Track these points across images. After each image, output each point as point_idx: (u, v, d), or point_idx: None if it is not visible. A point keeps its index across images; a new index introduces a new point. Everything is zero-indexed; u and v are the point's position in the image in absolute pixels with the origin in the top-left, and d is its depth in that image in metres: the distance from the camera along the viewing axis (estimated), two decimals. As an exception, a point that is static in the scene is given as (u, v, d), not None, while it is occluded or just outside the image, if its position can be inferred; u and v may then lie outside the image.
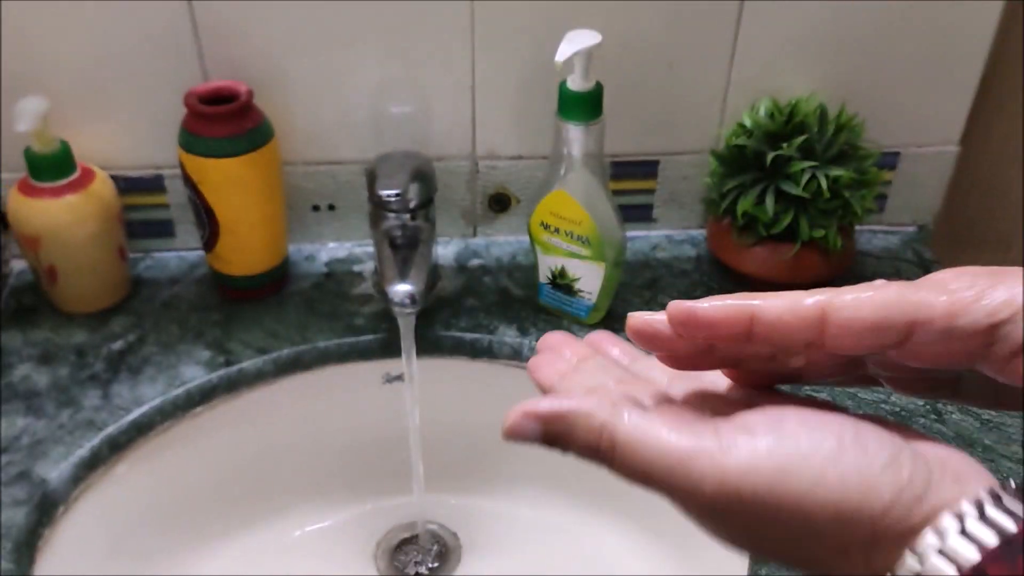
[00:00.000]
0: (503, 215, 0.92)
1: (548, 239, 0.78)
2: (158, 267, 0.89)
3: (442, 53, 0.82)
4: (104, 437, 0.72)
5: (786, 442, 0.29)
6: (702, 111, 0.87)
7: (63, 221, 0.77)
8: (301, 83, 0.83)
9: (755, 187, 0.81)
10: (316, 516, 0.86)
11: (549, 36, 0.71)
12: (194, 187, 0.78)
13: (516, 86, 0.84)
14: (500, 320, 0.83)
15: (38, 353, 0.79)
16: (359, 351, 0.81)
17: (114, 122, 0.83)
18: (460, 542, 0.86)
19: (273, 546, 0.84)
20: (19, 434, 0.72)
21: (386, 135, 0.86)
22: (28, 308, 0.84)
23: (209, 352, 0.79)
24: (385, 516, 0.87)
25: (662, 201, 0.92)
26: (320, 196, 0.89)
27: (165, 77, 0.81)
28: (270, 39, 0.80)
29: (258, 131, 0.78)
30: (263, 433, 0.82)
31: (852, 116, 0.82)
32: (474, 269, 0.89)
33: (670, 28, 0.82)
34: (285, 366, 0.80)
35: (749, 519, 0.29)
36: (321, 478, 0.86)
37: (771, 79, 0.85)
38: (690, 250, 0.92)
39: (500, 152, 0.88)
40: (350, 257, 0.90)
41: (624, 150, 0.89)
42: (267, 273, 0.84)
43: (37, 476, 0.69)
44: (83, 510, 0.71)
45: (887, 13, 0.82)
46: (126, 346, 0.80)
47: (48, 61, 0.80)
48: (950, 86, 0.87)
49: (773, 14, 0.82)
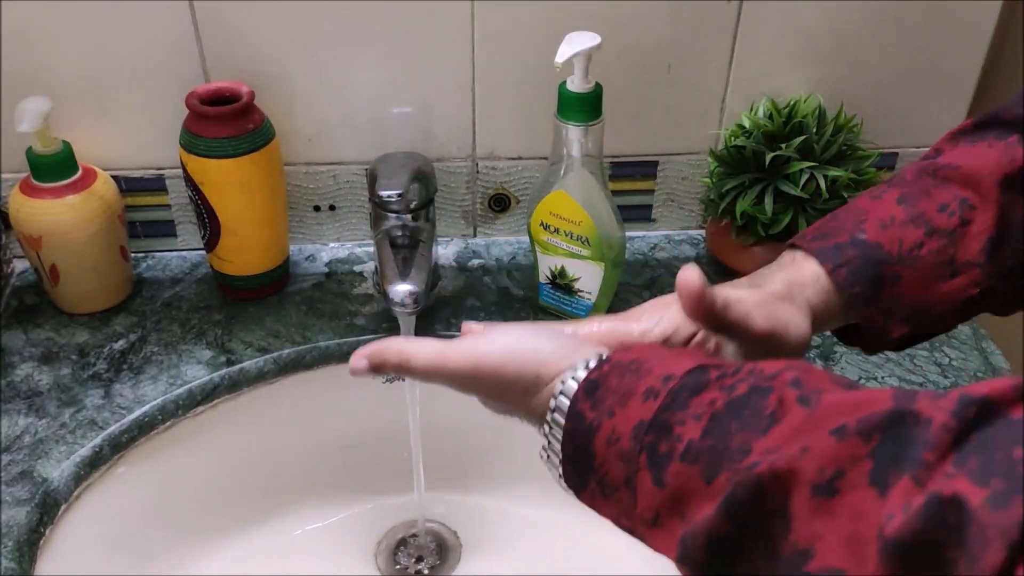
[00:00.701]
0: (503, 215, 0.92)
1: (548, 239, 0.79)
2: (159, 267, 0.89)
3: (442, 54, 0.82)
4: (105, 436, 0.72)
5: (495, 341, 0.47)
6: (701, 112, 0.87)
7: (65, 221, 0.78)
8: (302, 84, 0.83)
9: (754, 187, 0.81)
10: (317, 515, 0.87)
11: (549, 37, 0.72)
12: (195, 187, 0.79)
13: (516, 87, 0.84)
14: (500, 320, 0.83)
15: (40, 353, 0.79)
16: (360, 351, 0.82)
17: (116, 123, 0.84)
18: (460, 541, 0.86)
19: (274, 545, 0.84)
20: (21, 433, 0.72)
21: (387, 136, 0.86)
22: (30, 308, 0.84)
23: (210, 352, 0.80)
24: (385, 515, 0.87)
25: (661, 201, 0.93)
26: (321, 196, 0.89)
27: (167, 78, 0.81)
28: (271, 40, 0.81)
29: (259, 132, 0.78)
30: (264, 432, 0.82)
31: (850, 117, 0.82)
32: (474, 269, 0.89)
33: (669, 29, 0.82)
34: (286, 366, 0.80)
35: (481, 382, 0.47)
36: (322, 477, 0.86)
37: (770, 80, 0.86)
38: (689, 250, 0.92)
39: (500, 152, 0.88)
40: (351, 257, 0.91)
41: (623, 151, 0.89)
42: (268, 273, 0.85)
43: (39, 475, 0.69)
44: (84, 509, 0.72)
45: (885, 14, 0.83)
46: (128, 346, 0.80)
47: (50, 62, 0.80)
48: (948, 87, 0.87)
49: (772, 15, 0.82)
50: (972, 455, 0.30)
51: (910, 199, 0.51)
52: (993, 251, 0.50)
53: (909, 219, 0.51)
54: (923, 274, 0.50)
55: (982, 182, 0.50)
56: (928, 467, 0.31)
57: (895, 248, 0.50)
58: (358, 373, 0.49)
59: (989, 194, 0.50)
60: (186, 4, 0.78)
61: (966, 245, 0.50)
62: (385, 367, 0.49)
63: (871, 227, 0.51)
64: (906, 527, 0.30)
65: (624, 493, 0.41)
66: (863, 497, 0.32)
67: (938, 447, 0.31)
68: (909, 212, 0.51)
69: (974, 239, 0.50)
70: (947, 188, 0.51)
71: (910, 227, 0.50)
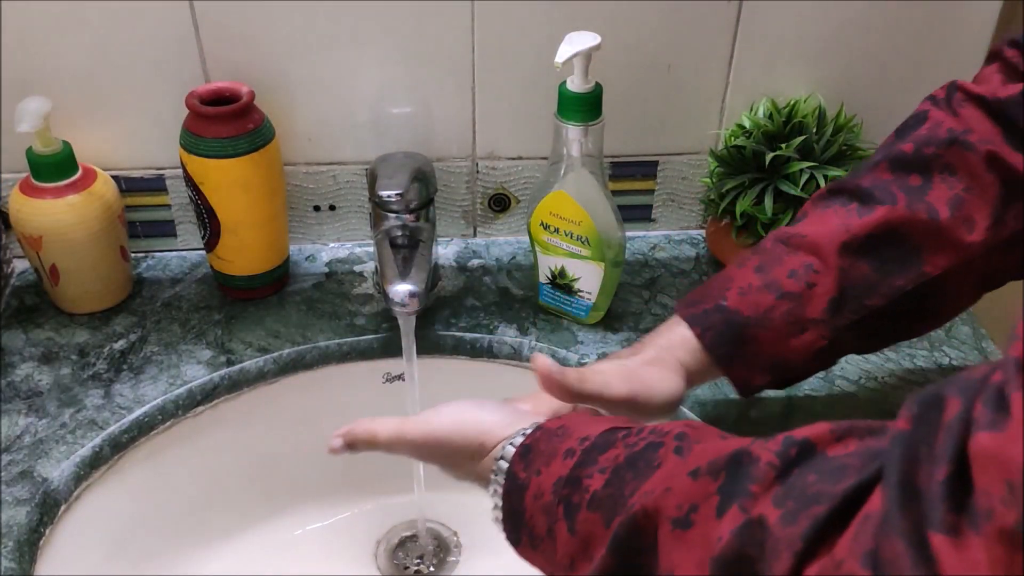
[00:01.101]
0: (503, 215, 0.92)
1: (548, 239, 0.79)
2: (159, 267, 0.89)
3: (442, 54, 0.82)
4: (106, 436, 0.72)
5: (444, 415, 0.55)
6: (701, 112, 0.87)
7: (65, 221, 0.78)
8: (302, 84, 0.83)
9: (754, 187, 0.81)
10: (317, 515, 0.87)
11: (549, 37, 0.72)
12: (195, 187, 0.79)
13: (516, 87, 0.84)
14: (500, 320, 0.83)
15: (40, 353, 0.80)
16: (360, 351, 0.82)
17: (116, 123, 0.84)
18: (460, 541, 0.86)
19: (274, 545, 0.84)
20: (21, 433, 0.72)
21: (387, 136, 0.86)
22: (30, 308, 0.84)
23: (210, 352, 0.80)
24: (386, 515, 0.87)
25: (661, 201, 0.93)
26: (321, 196, 0.89)
27: (167, 78, 0.81)
28: (271, 40, 0.81)
29: (259, 132, 0.78)
30: (264, 432, 0.82)
31: (850, 117, 0.82)
32: (474, 269, 0.89)
33: (669, 30, 0.82)
34: (286, 366, 0.80)
35: (434, 450, 0.55)
36: (322, 477, 0.86)
37: (769, 80, 0.86)
38: (689, 250, 0.92)
39: (500, 152, 0.88)
40: (351, 257, 0.91)
41: (623, 151, 0.89)
42: (268, 273, 0.85)
43: (39, 475, 0.69)
44: (84, 509, 0.72)
45: (885, 14, 0.83)
46: (128, 346, 0.80)
47: (50, 62, 0.80)
48: (948, 87, 0.87)
49: (771, 15, 0.82)
50: (782, 486, 0.36)
51: (766, 267, 0.59)
52: (835, 309, 0.57)
53: (763, 285, 0.59)
54: (776, 333, 0.58)
55: (823, 249, 0.58)
56: (753, 497, 0.37)
57: (751, 312, 0.59)
58: (336, 452, 0.57)
59: (829, 259, 0.57)
60: (186, 4, 0.78)
61: (812, 305, 0.58)
62: (357, 443, 0.57)
63: (732, 295, 0.59)
64: (728, 546, 0.36)
65: (547, 543, 0.47)
66: (712, 526, 0.38)
67: (763, 481, 0.37)
68: (763, 279, 0.59)
69: (818, 300, 0.57)
70: (796, 255, 0.59)
71: (764, 292, 0.59)
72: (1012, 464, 0.25)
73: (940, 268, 0.56)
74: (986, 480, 0.26)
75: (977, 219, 0.55)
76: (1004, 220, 0.55)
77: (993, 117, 0.57)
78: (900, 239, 0.57)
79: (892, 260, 0.57)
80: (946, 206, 0.56)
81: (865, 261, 0.57)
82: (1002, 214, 0.55)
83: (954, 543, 0.27)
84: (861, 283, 0.57)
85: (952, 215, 0.55)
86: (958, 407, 0.28)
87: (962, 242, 0.56)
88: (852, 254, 0.57)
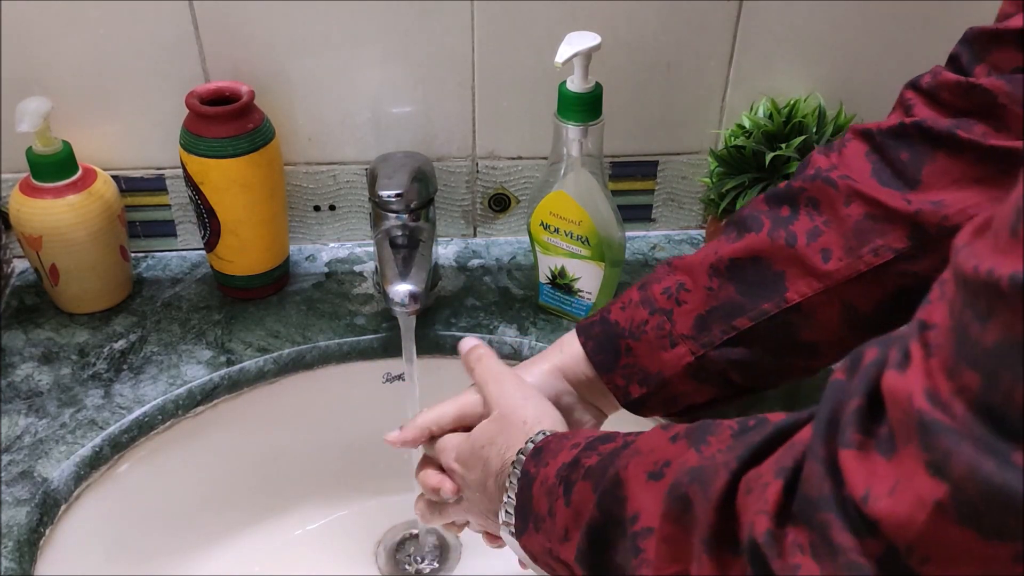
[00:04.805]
0: (503, 215, 0.92)
1: (548, 239, 0.79)
2: (159, 267, 0.89)
3: (442, 54, 0.82)
4: (106, 436, 0.73)
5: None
6: (701, 112, 0.88)
7: (65, 221, 0.78)
8: (302, 84, 0.83)
9: (754, 187, 0.81)
10: (317, 514, 0.87)
11: (549, 37, 0.72)
12: (195, 187, 0.79)
13: (516, 87, 0.84)
14: (500, 320, 0.83)
15: (40, 353, 0.80)
16: (360, 351, 0.82)
17: (116, 122, 0.84)
18: (460, 540, 0.86)
19: (274, 544, 0.84)
20: (21, 433, 0.72)
21: (387, 136, 0.86)
22: (30, 308, 0.84)
23: (210, 351, 0.80)
24: (386, 514, 0.87)
25: (661, 201, 0.93)
26: (321, 196, 0.89)
27: (167, 78, 0.81)
28: (271, 40, 0.81)
29: (259, 132, 0.78)
30: (264, 432, 0.82)
31: (850, 117, 0.82)
32: (474, 269, 0.89)
33: (669, 29, 0.82)
34: (286, 366, 0.80)
35: (467, 455, 0.60)
36: (322, 477, 0.86)
37: (769, 80, 0.86)
38: (689, 250, 0.92)
39: (500, 152, 0.88)
40: (351, 257, 0.91)
41: (623, 150, 0.89)
42: (268, 273, 0.85)
43: (39, 475, 0.69)
44: (84, 509, 0.72)
45: (885, 14, 0.83)
46: (128, 346, 0.80)
47: (50, 62, 0.80)
48: (948, 87, 0.87)
49: (771, 15, 0.82)
50: (734, 439, 0.43)
51: (647, 285, 0.64)
52: (701, 326, 0.61)
53: (640, 301, 0.64)
54: (648, 345, 0.62)
55: (695, 270, 0.62)
56: (709, 445, 0.43)
57: (627, 324, 0.63)
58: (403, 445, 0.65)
59: (699, 279, 0.62)
60: (186, 4, 0.78)
61: (681, 321, 0.62)
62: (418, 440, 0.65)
63: (615, 308, 0.65)
64: (677, 480, 0.43)
65: (548, 521, 0.52)
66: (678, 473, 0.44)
67: (721, 436, 0.44)
68: (642, 295, 0.64)
69: (686, 316, 0.62)
70: (673, 275, 0.63)
71: (640, 308, 0.63)
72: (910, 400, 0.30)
73: (801, 295, 0.58)
74: (894, 413, 0.31)
75: (833, 249, 0.57)
76: (859, 253, 0.57)
77: (875, 151, 0.58)
78: (763, 264, 0.59)
79: (757, 284, 0.59)
80: (804, 235, 0.58)
81: (731, 283, 0.61)
82: (856, 247, 0.57)
83: (858, 456, 0.31)
84: (728, 303, 0.60)
85: (808, 243, 0.58)
86: (875, 354, 0.33)
87: (819, 270, 0.57)
88: (719, 276, 0.61)
